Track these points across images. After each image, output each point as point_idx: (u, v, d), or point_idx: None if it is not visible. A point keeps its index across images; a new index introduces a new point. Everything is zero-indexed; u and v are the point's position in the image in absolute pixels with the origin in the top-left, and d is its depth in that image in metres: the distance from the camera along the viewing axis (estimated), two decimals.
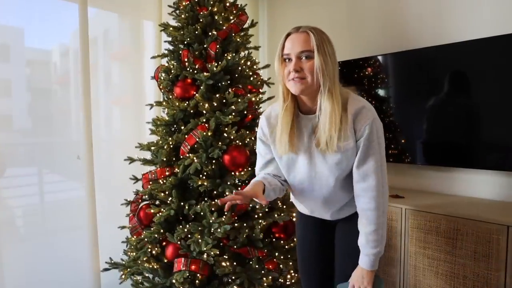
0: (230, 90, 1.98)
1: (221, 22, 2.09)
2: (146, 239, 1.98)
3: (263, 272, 1.90)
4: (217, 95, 2.00)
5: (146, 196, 2.08)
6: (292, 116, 1.30)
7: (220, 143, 1.91)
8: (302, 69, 1.22)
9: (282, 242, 2.04)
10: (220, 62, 1.99)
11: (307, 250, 1.59)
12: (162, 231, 1.94)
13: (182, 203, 1.93)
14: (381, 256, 1.33)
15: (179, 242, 1.87)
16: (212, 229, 1.80)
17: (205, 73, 1.96)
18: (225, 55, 2.05)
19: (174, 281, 1.79)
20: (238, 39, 2.15)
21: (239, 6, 2.23)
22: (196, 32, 2.05)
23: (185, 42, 2.10)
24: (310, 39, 1.21)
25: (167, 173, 2.01)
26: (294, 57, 1.23)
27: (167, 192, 1.96)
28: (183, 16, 2.09)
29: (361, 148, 1.26)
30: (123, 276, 2.03)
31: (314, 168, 1.34)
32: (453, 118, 2.19)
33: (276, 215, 1.95)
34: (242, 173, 1.91)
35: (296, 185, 1.43)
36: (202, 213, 1.87)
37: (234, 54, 2.05)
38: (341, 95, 1.24)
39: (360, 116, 1.24)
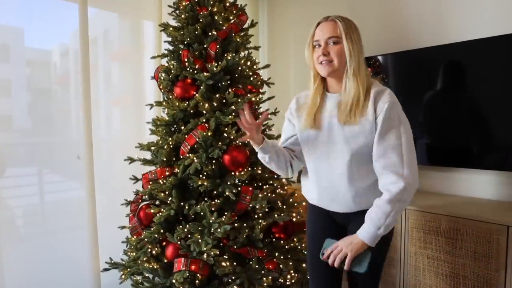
0: (230, 90, 1.98)
1: (221, 22, 2.09)
2: (146, 239, 1.97)
3: (263, 272, 1.90)
4: (217, 95, 2.00)
5: (146, 196, 2.08)
6: (321, 95, 1.43)
7: (220, 143, 1.90)
8: (329, 53, 1.34)
9: (282, 242, 2.05)
10: (220, 62, 1.98)
11: (317, 248, 1.49)
12: (162, 231, 1.93)
13: (182, 203, 1.93)
14: (380, 236, 1.29)
15: (179, 242, 1.87)
16: (212, 229, 1.79)
17: (205, 73, 1.96)
18: (225, 55, 2.05)
19: (174, 281, 1.78)
20: (238, 39, 2.15)
21: (239, 6, 2.22)
22: (196, 32, 2.05)
23: (185, 42, 2.10)
24: (337, 26, 1.35)
25: (167, 173, 2.01)
26: (323, 42, 1.35)
27: (167, 192, 1.96)
28: (183, 16, 2.09)
29: (381, 124, 1.29)
30: (123, 276, 2.04)
31: (332, 142, 1.39)
32: (453, 119, 2.18)
33: (276, 215, 1.95)
34: (242, 173, 1.91)
35: (313, 161, 1.48)
36: (202, 213, 1.87)
37: (234, 54, 2.05)
38: (367, 80, 1.34)
39: (381, 95, 1.31)
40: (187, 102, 2.00)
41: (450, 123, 2.19)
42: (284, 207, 2.05)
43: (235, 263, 1.87)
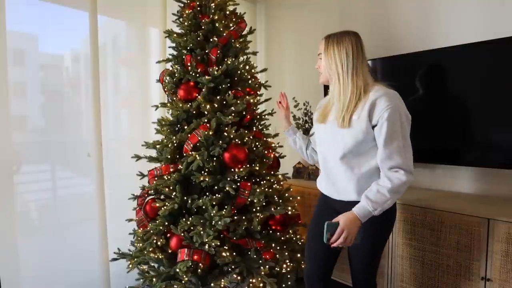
0: (230, 92, 1.99)
1: (221, 29, 2.09)
2: (151, 231, 1.98)
3: (260, 261, 1.90)
4: (218, 97, 2.00)
5: (152, 191, 2.08)
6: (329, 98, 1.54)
7: (220, 141, 1.91)
8: (319, 66, 1.51)
9: (278, 234, 2.05)
10: (220, 66, 1.99)
11: (316, 231, 1.57)
12: (166, 223, 1.94)
13: (185, 198, 1.93)
14: (372, 214, 1.33)
15: (182, 234, 1.87)
16: (213, 221, 1.80)
17: (206, 77, 1.96)
18: (225, 59, 2.05)
19: (177, 270, 1.79)
20: (238, 45, 2.15)
21: (238, 14, 2.23)
22: (198, 39, 2.05)
23: (188, 48, 2.10)
24: (321, 44, 1.49)
25: (171, 170, 2.01)
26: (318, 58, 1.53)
27: (171, 187, 1.96)
28: (186, 23, 2.09)
29: (384, 132, 1.31)
30: (130, 266, 2.03)
31: (331, 138, 1.47)
32: (437, 119, 2.19)
33: (272, 209, 1.95)
34: (241, 169, 1.91)
35: (319, 152, 1.57)
36: (204, 207, 1.87)
37: (233, 59, 2.06)
38: (359, 87, 1.38)
39: (379, 102, 1.33)
40: (190, 104, 2.01)
41: (434, 123, 2.20)
42: (280, 201, 2.06)
43: (234, 253, 1.88)
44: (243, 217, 1.92)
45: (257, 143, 2.07)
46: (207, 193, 1.96)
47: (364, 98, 1.36)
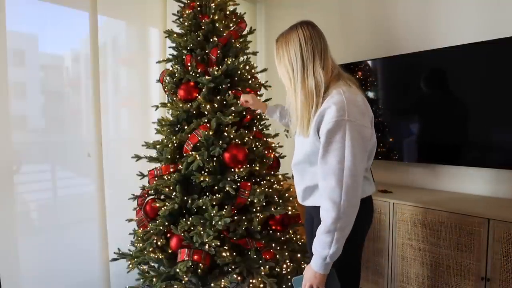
0: (230, 93, 1.98)
1: (221, 29, 2.09)
2: (151, 231, 1.97)
3: (260, 261, 1.89)
4: (218, 97, 2.00)
5: (152, 191, 2.08)
6: None
7: (220, 141, 1.90)
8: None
9: (278, 234, 2.04)
10: (220, 66, 1.98)
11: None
12: (166, 223, 1.93)
13: (185, 198, 1.93)
14: (331, 262, 1.17)
15: (182, 234, 1.86)
16: (213, 221, 1.79)
17: (206, 77, 1.96)
18: (225, 60, 2.05)
19: (178, 270, 1.78)
20: (238, 45, 2.15)
21: (238, 14, 2.22)
22: (199, 39, 2.05)
23: (188, 48, 2.10)
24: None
25: (171, 170, 2.00)
26: None
27: (171, 187, 1.96)
28: (186, 23, 2.09)
29: (321, 148, 1.16)
30: (130, 266, 2.02)
31: (297, 143, 1.38)
32: (437, 119, 2.18)
33: (272, 209, 1.94)
34: (241, 169, 1.91)
35: None
36: (204, 207, 1.87)
37: (233, 59, 2.05)
38: (319, 85, 1.21)
39: (326, 114, 1.16)
40: (190, 104, 2.00)
41: (434, 123, 2.20)
42: (280, 201, 2.04)
43: (234, 254, 1.87)
44: (243, 217, 1.91)
45: (257, 143, 2.06)
46: (207, 193, 1.95)
47: (322, 102, 1.20)
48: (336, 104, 1.14)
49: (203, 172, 1.94)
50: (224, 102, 2.00)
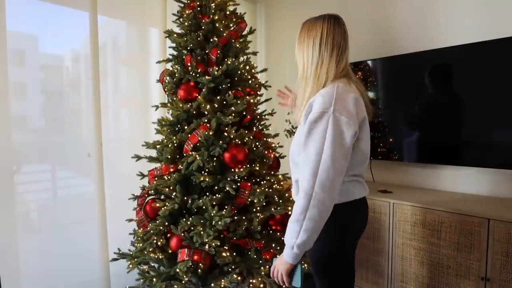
0: (230, 93, 1.98)
1: (221, 29, 2.09)
2: (151, 231, 1.97)
3: (260, 261, 1.89)
4: (218, 97, 2.00)
5: (152, 191, 2.08)
6: None
7: (220, 141, 1.90)
8: None
9: (278, 234, 2.04)
10: (220, 67, 1.98)
11: None
12: (166, 223, 1.93)
13: (185, 198, 1.93)
14: (300, 253, 1.14)
15: (182, 234, 1.86)
16: (213, 221, 1.79)
17: (206, 77, 1.96)
18: (226, 60, 2.04)
19: (178, 270, 1.78)
20: (238, 45, 2.15)
21: (238, 14, 2.22)
22: (199, 39, 2.05)
23: (188, 48, 2.09)
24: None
25: (171, 170, 2.00)
26: None
27: (171, 188, 1.95)
28: (186, 23, 2.09)
29: (304, 135, 1.16)
30: (130, 266, 2.02)
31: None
32: (437, 118, 2.18)
33: (273, 209, 1.94)
34: (241, 169, 1.90)
35: None
36: (204, 207, 1.86)
37: (233, 59, 2.05)
38: (327, 81, 1.23)
39: (315, 103, 1.17)
40: (190, 104, 2.00)
41: (434, 123, 2.20)
42: (280, 201, 2.05)
43: (234, 254, 1.87)
44: (243, 217, 1.91)
45: (257, 143, 2.06)
46: (207, 193, 1.95)
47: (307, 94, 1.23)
48: (324, 96, 1.15)
49: (203, 172, 1.94)
50: (224, 102, 2.00)
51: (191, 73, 2.01)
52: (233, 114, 1.94)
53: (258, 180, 2.08)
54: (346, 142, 1.13)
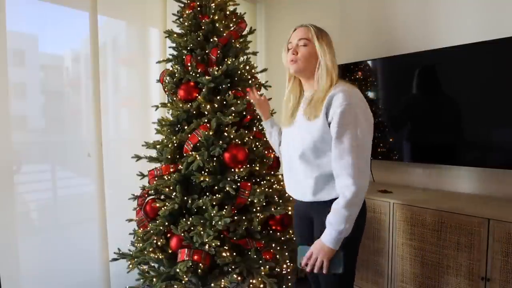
0: (230, 93, 1.98)
1: (221, 29, 2.09)
2: (152, 231, 1.97)
3: (260, 262, 1.89)
4: (218, 97, 2.00)
5: (152, 191, 2.08)
6: (298, 97, 1.46)
7: (220, 141, 1.90)
8: (297, 52, 1.36)
9: (278, 234, 2.04)
10: (220, 67, 1.98)
11: (297, 238, 1.60)
12: (166, 223, 1.93)
13: (185, 198, 1.93)
14: (344, 237, 1.23)
15: (182, 234, 1.86)
16: (213, 221, 1.79)
17: (207, 77, 1.96)
18: (226, 60, 2.05)
19: (178, 270, 1.78)
20: (238, 45, 2.15)
21: (238, 14, 2.22)
22: (199, 39, 2.05)
23: (188, 48, 2.10)
24: (309, 31, 1.37)
25: (171, 170, 2.00)
26: (294, 43, 1.38)
27: (171, 188, 1.96)
28: (186, 23, 2.09)
29: (335, 129, 1.24)
30: (130, 266, 2.03)
31: (295, 134, 1.40)
32: (437, 119, 2.18)
33: (273, 209, 1.95)
34: (241, 169, 1.91)
35: (283, 156, 1.51)
36: (204, 207, 1.87)
37: (233, 59, 2.05)
38: (336, 81, 1.33)
39: (336, 98, 1.25)
40: (190, 104, 2.00)
41: (434, 123, 2.20)
42: (280, 201, 2.05)
43: (234, 254, 1.87)
44: (243, 217, 1.91)
45: (257, 143, 2.07)
46: (207, 193, 1.95)
47: (327, 88, 1.31)
48: (343, 92, 1.25)
49: (203, 172, 1.94)
50: (224, 102, 2.00)
51: (191, 73, 2.01)
52: (233, 114, 1.94)
53: (258, 180, 2.08)
54: (371, 132, 1.29)
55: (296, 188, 1.45)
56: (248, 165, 1.96)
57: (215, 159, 1.94)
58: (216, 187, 1.93)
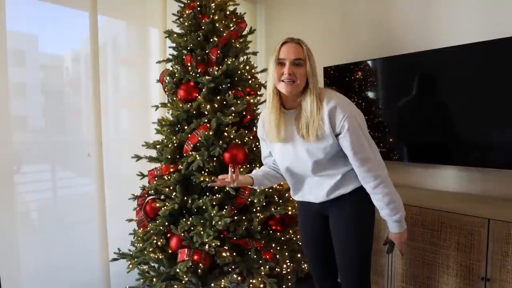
0: (230, 93, 1.98)
1: (221, 29, 2.09)
2: (152, 231, 1.97)
3: (260, 262, 1.90)
4: (218, 97, 2.00)
5: (152, 191, 2.08)
6: (279, 111, 1.41)
7: (220, 141, 1.90)
8: (294, 73, 1.32)
9: (278, 234, 2.05)
10: (220, 67, 1.98)
11: (308, 235, 1.61)
12: (166, 223, 1.94)
13: (185, 198, 1.93)
14: (403, 220, 1.40)
15: (182, 234, 1.87)
16: (213, 221, 1.79)
17: (206, 77, 1.96)
18: (225, 60, 2.05)
19: (178, 270, 1.79)
20: (238, 45, 2.15)
21: (238, 14, 2.22)
22: (199, 39, 2.05)
23: (188, 48, 2.10)
24: (303, 50, 1.35)
25: (171, 170, 2.01)
26: (289, 62, 1.33)
27: (171, 188, 1.96)
28: (186, 23, 2.09)
29: (349, 139, 1.31)
30: (130, 266, 2.03)
31: (297, 153, 1.41)
32: (437, 119, 2.18)
33: (273, 209, 1.95)
34: (241, 169, 1.91)
35: (285, 168, 1.50)
36: (204, 207, 1.87)
37: (233, 59, 2.05)
38: (319, 94, 1.35)
39: (335, 114, 1.31)
40: (190, 104, 2.00)
41: (434, 123, 2.19)
42: (280, 201, 2.05)
43: (234, 254, 1.88)
44: (243, 217, 1.91)
45: (257, 143, 2.07)
46: (207, 193, 1.96)
47: (320, 106, 1.32)
48: (339, 104, 1.32)
49: (203, 172, 1.94)
50: (224, 102, 2.00)
51: (191, 73, 2.01)
52: (233, 114, 1.94)
53: None
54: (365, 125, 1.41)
55: (310, 194, 1.50)
56: (248, 165, 1.96)
57: (215, 159, 1.94)
58: (216, 187, 1.93)
